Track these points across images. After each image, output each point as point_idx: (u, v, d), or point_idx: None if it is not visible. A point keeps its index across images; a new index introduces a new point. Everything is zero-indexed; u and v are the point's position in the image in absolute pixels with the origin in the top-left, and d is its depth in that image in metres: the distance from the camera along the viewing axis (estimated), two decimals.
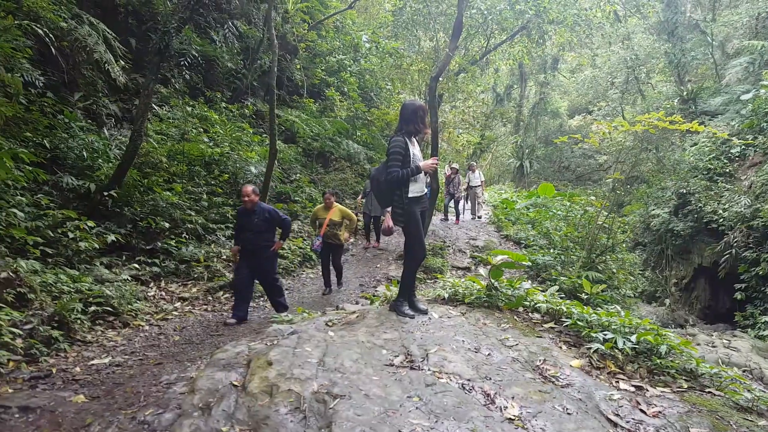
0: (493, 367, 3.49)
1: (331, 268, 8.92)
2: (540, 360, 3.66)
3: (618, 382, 3.45)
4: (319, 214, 8.47)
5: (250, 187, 6.53)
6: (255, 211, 6.50)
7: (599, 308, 5.13)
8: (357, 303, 7.59)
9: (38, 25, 7.68)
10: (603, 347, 3.81)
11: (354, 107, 18.37)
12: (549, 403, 3.02)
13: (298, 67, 17.44)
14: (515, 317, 4.70)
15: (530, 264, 9.42)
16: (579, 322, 4.26)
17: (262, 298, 8.17)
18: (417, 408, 2.87)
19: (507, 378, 3.33)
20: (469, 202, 17.66)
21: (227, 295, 7.99)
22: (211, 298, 7.78)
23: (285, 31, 15.87)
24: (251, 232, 6.51)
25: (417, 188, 4.40)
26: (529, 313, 4.85)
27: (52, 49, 8.19)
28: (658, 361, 3.68)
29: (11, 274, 4.77)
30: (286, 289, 9.34)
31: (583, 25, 14.54)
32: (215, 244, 9.25)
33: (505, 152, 35.72)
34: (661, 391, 3.30)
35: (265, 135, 14.01)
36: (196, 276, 8.14)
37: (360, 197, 12.36)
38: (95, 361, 4.62)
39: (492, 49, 16.82)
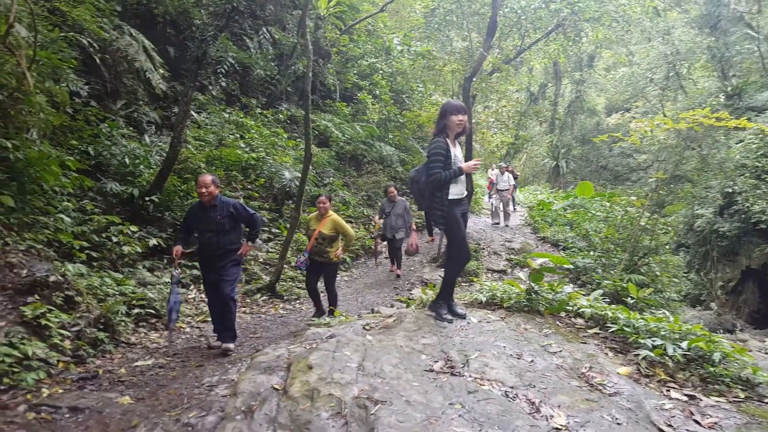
0: (536, 374, 3.40)
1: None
2: (585, 367, 3.54)
3: (669, 390, 3.31)
4: (311, 224, 6.94)
5: (209, 177, 5.27)
6: (215, 206, 5.29)
7: (645, 313, 4.96)
8: (392, 306, 7.56)
9: (82, 37, 7.94)
10: (652, 354, 3.67)
11: (386, 110, 18.38)
12: (597, 413, 2.91)
13: (331, 71, 17.55)
14: (557, 322, 4.58)
15: (572, 267, 9.21)
16: (626, 328, 4.12)
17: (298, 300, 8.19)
18: (460, 416, 2.81)
19: (552, 385, 3.24)
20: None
21: (264, 297, 8.08)
22: (249, 300, 7.88)
23: (318, 36, 16.00)
24: (213, 233, 5.26)
25: (457, 190, 4.35)
26: (572, 318, 4.72)
27: (96, 60, 8.46)
28: (712, 369, 3.52)
29: (60, 277, 4.92)
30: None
31: (621, 21, 14.19)
32: (252, 247, 9.37)
33: (540, 152, 35.13)
34: (716, 401, 3.15)
35: (299, 139, 14.16)
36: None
37: (378, 218, 10.20)
38: (139, 363, 4.72)
39: (526, 48, 16.59)
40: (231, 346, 5.34)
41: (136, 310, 5.86)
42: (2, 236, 4.69)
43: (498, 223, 16.17)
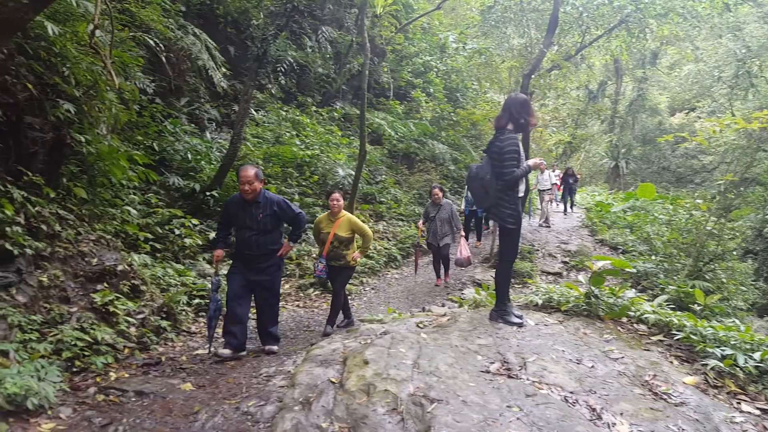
0: (597, 380, 3.30)
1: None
2: (649, 375, 3.41)
3: (740, 403, 3.15)
4: (322, 226, 6.11)
5: (251, 170, 4.78)
6: (258, 202, 4.84)
7: (712, 321, 4.72)
8: (443, 305, 7.51)
9: (149, 36, 8.28)
10: (721, 364, 3.49)
11: (440, 108, 18.29)
12: (662, 422, 2.79)
13: (385, 69, 17.62)
14: (619, 328, 4.43)
15: (635, 271, 8.88)
16: (692, 336, 3.94)
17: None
18: (518, 418, 2.76)
19: (614, 392, 3.13)
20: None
21: (317, 292, 8.20)
22: (302, 295, 8.02)
23: (373, 34, 16.09)
24: (253, 232, 4.82)
25: (522, 188, 4.27)
26: (634, 324, 4.56)
27: (161, 58, 8.81)
28: None
29: (127, 266, 5.15)
30: (372, 289, 9.48)
31: (689, 18, 13.56)
32: (305, 242, 9.52)
33: (598, 152, 34.04)
34: None
35: (353, 137, 14.29)
36: (288, 273, 8.42)
37: (421, 222, 9.28)
38: (199, 351, 4.88)
39: (587, 45, 16.13)
40: (274, 348, 4.98)
41: (197, 301, 6.07)
42: (75, 226, 4.94)
43: (542, 225, 15.74)
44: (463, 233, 9.03)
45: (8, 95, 4.12)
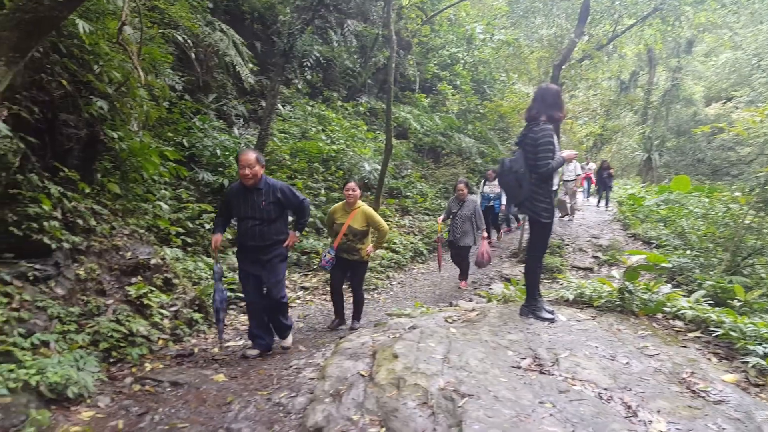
0: (632, 377, 3.23)
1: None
2: (686, 372, 3.32)
3: None
4: (336, 216, 5.89)
5: (252, 154, 4.45)
6: (260, 189, 4.50)
7: (752, 317, 4.58)
8: (470, 300, 7.46)
9: (178, 33, 8.39)
10: (763, 362, 3.38)
11: (466, 100, 18.11)
12: (701, 421, 2.72)
13: (411, 62, 17.53)
14: (654, 324, 4.34)
15: (670, 266, 8.64)
16: (732, 333, 3.82)
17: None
18: (551, 415, 2.72)
19: (650, 390, 3.06)
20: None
21: (344, 286, 8.21)
22: (329, 288, 8.04)
23: (399, 27, 16.02)
24: (256, 221, 4.47)
25: (556, 180, 4.19)
26: (670, 320, 4.45)
27: (190, 55, 8.92)
28: None
29: (159, 260, 5.25)
30: (399, 283, 9.47)
31: (727, 3, 13.12)
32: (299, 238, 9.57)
33: (630, 143, 33.27)
34: None
35: (378, 131, 14.27)
36: (315, 267, 8.46)
37: (441, 218, 8.72)
38: (231, 343, 4.95)
39: (619, 34, 15.76)
40: (289, 340, 4.86)
41: (227, 294, 6.15)
42: (109, 221, 5.05)
43: (563, 217, 15.40)
44: (485, 234, 8.39)
45: (44, 93, 4.22)
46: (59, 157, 4.52)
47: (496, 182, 11.24)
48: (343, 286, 6.21)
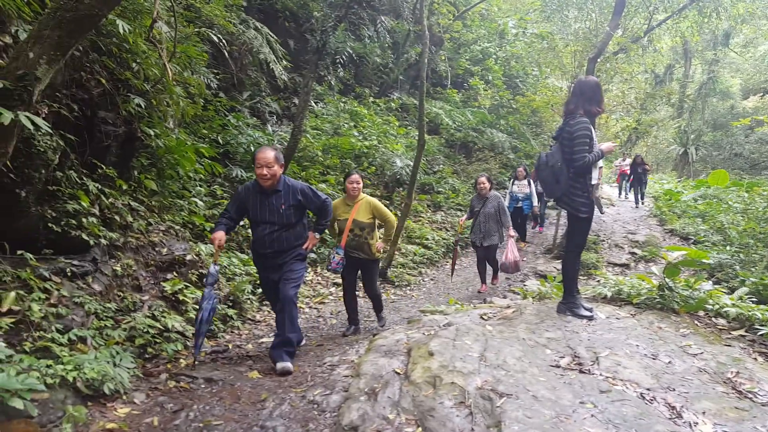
0: (675, 376, 3.11)
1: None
2: (732, 372, 3.18)
3: None
4: (338, 213, 5.23)
5: (271, 152, 4.01)
6: (278, 191, 4.11)
7: None
8: (505, 297, 7.33)
9: (213, 32, 8.46)
10: None
11: (498, 95, 17.88)
12: (749, 423, 2.58)
13: (443, 58, 17.39)
14: (696, 322, 4.19)
15: (712, 262, 8.34)
16: None
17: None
18: (592, 415, 2.62)
19: (694, 390, 2.94)
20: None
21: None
22: (342, 293, 8.00)
23: (431, 23, 15.90)
24: (275, 227, 4.10)
25: (596, 174, 4.07)
26: (712, 318, 4.30)
27: (224, 53, 8.99)
28: None
29: (194, 256, 5.30)
30: (431, 279, 9.37)
31: None
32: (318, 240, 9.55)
33: (666, 138, 32.33)
34: None
35: (410, 127, 14.20)
36: (326, 270, 8.44)
37: (464, 218, 8.17)
38: (264, 340, 4.96)
39: (655, 26, 15.29)
40: (288, 365, 3.83)
41: (260, 290, 6.17)
42: (145, 217, 5.12)
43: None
44: (512, 232, 7.70)
45: (83, 91, 4.28)
46: (97, 154, 4.58)
47: (525, 181, 10.80)
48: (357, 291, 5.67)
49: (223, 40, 8.80)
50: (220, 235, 4.02)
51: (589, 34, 14.06)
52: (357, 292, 5.65)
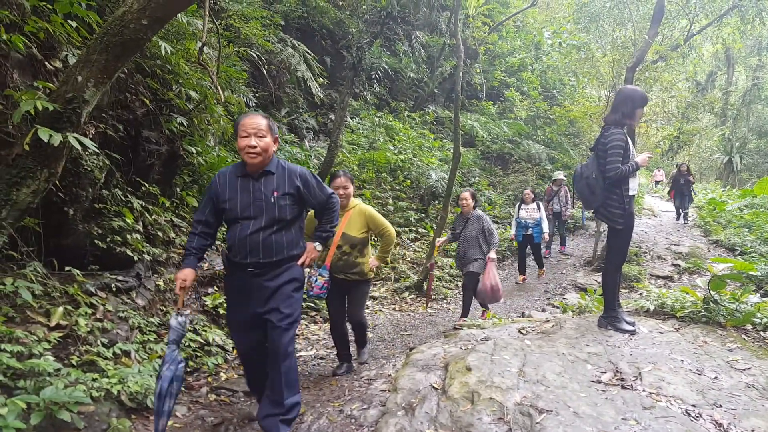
0: (722, 392, 3.00)
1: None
2: None
3: None
4: None
5: (262, 120, 2.91)
6: (270, 172, 2.94)
7: None
8: (543, 311, 7.19)
9: (252, 51, 8.69)
10: None
11: (535, 106, 17.72)
12: None
13: (478, 71, 17.37)
14: (743, 336, 4.01)
15: (759, 275, 8.01)
16: None
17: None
18: None
19: (742, 406, 2.82)
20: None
21: (413, 295, 8.15)
22: (398, 298, 8.02)
23: (466, 36, 15.93)
24: (260, 224, 2.87)
25: (635, 185, 3.99)
26: (760, 332, 4.12)
27: (263, 71, 9.22)
28: None
29: None
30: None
31: None
32: (400, 246, 9.53)
33: (709, 146, 31.31)
34: None
35: (445, 140, 14.20)
36: (383, 277, 8.46)
37: (442, 240, 7.27)
38: (302, 353, 4.99)
39: (696, 33, 14.92)
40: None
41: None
42: (187, 233, 5.24)
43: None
44: (491, 256, 6.32)
45: (128, 111, 4.45)
46: (141, 173, 4.74)
47: (534, 205, 9.38)
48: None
49: (262, 59, 9.03)
50: (186, 274, 2.90)
51: (627, 43, 13.81)
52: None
